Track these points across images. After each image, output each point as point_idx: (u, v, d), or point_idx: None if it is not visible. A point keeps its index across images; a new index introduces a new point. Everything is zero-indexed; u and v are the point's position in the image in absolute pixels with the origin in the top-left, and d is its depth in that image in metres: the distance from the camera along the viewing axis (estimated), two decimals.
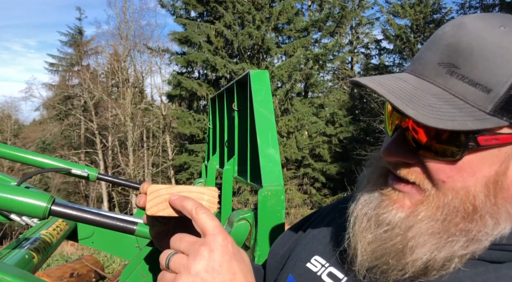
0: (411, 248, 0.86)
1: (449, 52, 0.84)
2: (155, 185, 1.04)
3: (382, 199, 0.93)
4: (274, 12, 26.61)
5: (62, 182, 36.16)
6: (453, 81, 0.82)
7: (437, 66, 0.84)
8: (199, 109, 29.77)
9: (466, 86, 0.81)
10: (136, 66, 38.24)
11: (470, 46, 0.82)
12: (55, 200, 1.57)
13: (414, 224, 0.87)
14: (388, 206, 0.91)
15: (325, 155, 28.63)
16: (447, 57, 0.84)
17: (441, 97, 0.82)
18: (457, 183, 0.85)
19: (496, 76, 0.80)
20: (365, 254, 0.93)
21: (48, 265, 11.15)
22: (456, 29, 0.85)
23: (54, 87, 41.31)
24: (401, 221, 0.88)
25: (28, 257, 2.05)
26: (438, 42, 0.87)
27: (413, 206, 0.89)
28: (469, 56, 0.81)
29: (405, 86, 0.83)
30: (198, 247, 0.88)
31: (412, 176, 0.89)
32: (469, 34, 0.83)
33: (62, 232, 2.65)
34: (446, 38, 0.86)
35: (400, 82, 0.85)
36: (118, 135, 36.20)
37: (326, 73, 33.49)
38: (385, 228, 0.90)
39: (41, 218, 1.55)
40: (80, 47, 40.74)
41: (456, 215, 0.84)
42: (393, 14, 29.23)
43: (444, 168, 0.85)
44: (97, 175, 3.58)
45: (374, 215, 0.93)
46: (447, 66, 0.83)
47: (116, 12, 37.01)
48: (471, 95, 0.81)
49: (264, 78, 3.12)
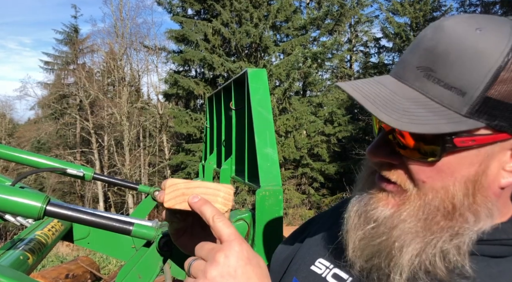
0: (398, 248, 0.89)
1: (426, 56, 0.86)
2: (174, 179, 1.09)
3: (371, 197, 0.97)
4: (272, 10, 26.62)
5: (58, 181, 36.13)
6: (430, 84, 0.85)
7: (416, 69, 0.87)
8: (196, 108, 29.76)
9: (442, 89, 0.84)
10: (132, 65, 38.28)
11: (446, 50, 0.84)
12: (50, 200, 1.57)
13: (398, 223, 0.90)
14: (375, 203, 0.96)
15: (324, 154, 28.63)
16: (424, 61, 0.86)
17: (417, 101, 0.85)
18: (437, 182, 0.88)
19: (470, 79, 0.82)
20: (356, 250, 0.97)
21: (43, 266, 11.15)
22: (434, 32, 0.88)
23: (49, 86, 41.27)
24: (386, 218, 0.93)
25: (23, 258, 2.04)
26: (418, 45, 0.89)
27: (396, 205, 0.93)
28: (445, 60, 0.84)
29: (382, 91, 0.87)
30: (214, 253, 0.92)
31: (394, 176, 0.93)
32: (446, 37, 0.85)
33: (58, 232, 2.65)
34: (425, 41, 0.88)
35: (379, 86, 0.88)
36: (114, 135, 36.18)
37: (325, 72, 33.50)
38: (372, 224, 0.95)
39: (36, 218, 1.54)
40: (75, 45, 40.70)
41: (437, 214, 0.88)
42: (392, 12, 29.24)
43: (424, 168, 0.89)
44: (93, 175, 3.58)
45: (364, 211, 0.97)
46: (425, 70, 0.86)
47: (112, 10, 37.02)
48: (446, 98, 0.84)
49: (262, 77, 3.12)
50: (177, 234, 1.27)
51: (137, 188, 4.10)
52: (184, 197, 1.06)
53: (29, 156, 3.51)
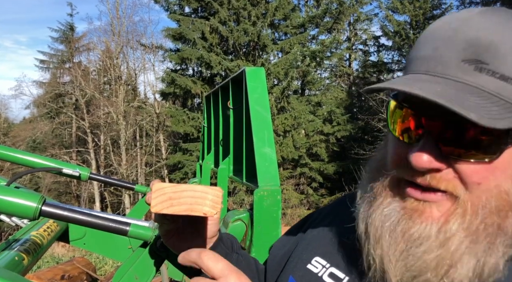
0: (456, 262, 0.83)
1: (471, 48, 0.81)
2: (160, 183, 1.07)
3: (405, 212, 0.88)
4: (270, 8, 26.62)
5: (53, 181, 36.09)
6: (484, 78, 0.80)
7: (462, 63, 0.82)
8: (194, 107, 29.75)
9: (498, 82, 0.80)
10: (129, 63, 38.20)
11: (492, 40, 0.80)
12: (46, 200, 1.57)
13: (450, 236, 0.83)
14: (415, 220, 0.87)
15: (323, 154, 28.64)
16: (471, 54, 0.81)
17: (482, 96, 0.79)
18: (491, 182, 0.83)
19: None
20: (398, 272, 0.88)
21: (38, 267, 11.14)
22: (468, 24, 0.83)
23: (44, 84, 41.22)
24: (434, 234, 0.85)
25: (18, 259, 2.04)
26: (453, 39, 0.83)
27: (444, 216, 0.85)
28: (495, 51, 0.80)
29: (445, 89, 0.79)
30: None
31: (443, 183, 0.84)
32: (486, 28, 0.82)
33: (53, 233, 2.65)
34: (462, 33, 0.83)
35: (435, 84, 0.81)
36: (110, 134, 36.14)
37: (324, 71, 33.49)
38: (417, 242, 0.86)
39: (32, 218, 1.54)
40: (71, 43, 40.64)
41: (493, 215, 0.83)
42: (392, 10, 29.26)
43: (479, 169, 0.82)
44: (89, 175, 3.58)
45: (400, 231, 0.88)
46: (474, 62, 0.81)
47: (108, 8, 36.97)
48: (504, 91, 0.80)
49: (260, 76, 3.12)
50: (167, 235, 1.27)
51: (133, 188, 4.10)
52: (172, 201, 1.05)
53: (24, 156, 3.51)
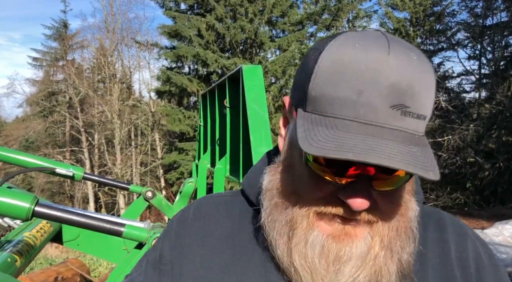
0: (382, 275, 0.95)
1: (396, 93, 0.85)
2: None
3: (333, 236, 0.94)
4: (267, 5, 26.59)
5: (46, 181, 36.06)
6: (408, 120, 0.87)
7: (390, 109, 0.86)
8: (190, 106, 29.73)
9: (416, 121, 0.88)
10: (123, 61, 38.19)
11: (409, 83, 0.86)
12: (39, 200, 1.57)
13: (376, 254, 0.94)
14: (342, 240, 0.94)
15: None
16: (396, 99, 0.85)
17: (415, 143, 0.87)
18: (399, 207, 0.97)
19: (429, 103, 0.90)
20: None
21: (31, 268, 11.12)
22: (386, 67, 0.86)
23: (37, 83, 41.18)
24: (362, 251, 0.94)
25: (10, 260, 2.04)
26: (377, 83, 0.85)
27: (368, 236, 0.95)
28: (413, 93, 0.86)
29: (395, 147, 0.84)
30: None
31: (370, 215, 0.93)
32: (400, 71, 0.86)
33: (46, 234, 2.65)
34: (384, 77, 0.85)
35: (381, 141, 0.85)
36: (104, 133, 36.13)
37: None
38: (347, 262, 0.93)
39: (24, 219, 1.54)
40: (65, 41, 40.57)
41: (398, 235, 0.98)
42: (391, 6, 29.24)
43: (395, 196, 0.96)
44: (83, 175, 3.58)
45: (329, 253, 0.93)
46: (399, 107, 0.86)
47: (103, 4, 36.97)
48: (419, 127, 0.89)
49: (257, 74, 3.13)
50: None
51: (128, 188, 4.10)
52: None
53: (17, 155, 3.51)
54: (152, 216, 24.72)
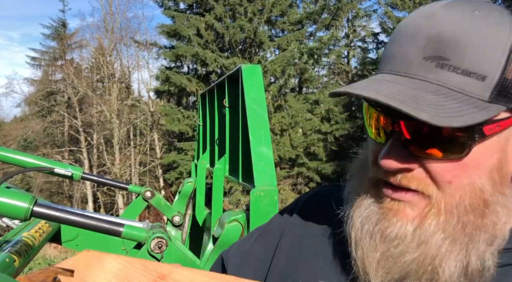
0: (440, 264, 0.83)
1: (433, 45, 0.82)
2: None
3: (382, 212, 0.89)
4: (267, 4, 26.58)
5: (45, 181, 36.03)
6: (446, 74, 0.81)
7: (424, 61, 0.82)
8: (189, 105, 29.73)
9: (461, 77, 0.80)
10: (122, 61, 38.11)
11: (453, 35, 0.81)
12: (38, 200, 1.57)
13: (428, 237, 0.84)
14: (391, 219, 0.87)
15: (320, 153, 28.64)
16: (432, 50, 0.82)
17: (440, 94, 0.80)
18: (463, 180, 0.83)
19: (488, 62, 0.80)
20: (379, 276, 0.89)
21: (30, 268, 11.12)
22: (431, 20, 0.84)
23: (36, 82, 41.14)
24: (410, 234, 0.85)
25: (9, 261, 2.03)
26: (416, 36, 0.84)
27: (419, 216, 0.86)
28: (456, 46, 0.80)
29: (403, 89, 0.80)
30: None
31: (413, 183, 0.85)
32: (448, 23, 0.82)
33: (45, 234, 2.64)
34: (425, 30, 0.83)
35: (393, 85, 0.82)
36: (103, 133, 36.10)
37: (321, 68, 33.50)
38: (394, 243, 0.86)
39: (23, 219, 1.54)
40: (63, 40, 40.53)
41: (469, 214, 0.83)
42: (391, 6, 29.25)
43: (449, 167, 0.83)
44: (82, 174, 3.58)
45: (378, 231, 0.88)
46: (435, 59, 0.82)
47: (101, 4, 36.88)
48: (467, 86, 0.80)
49: (257, 73, 3.12)
50: None
51: (127, 188, 4.10)
52: None
53: (15, 155, 3.50)
54: (151, 216, 24.74)
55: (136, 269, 0.81)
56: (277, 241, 1.20)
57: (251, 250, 1.27)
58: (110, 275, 0.80)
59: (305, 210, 1.22)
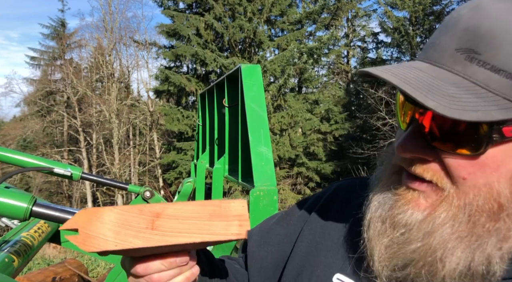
0: (440, 256, 0.82)
1: (467, 37, 0.80)
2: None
3: (396, 198, 0.89)
4: (266, 4, 26.59)
5: (44, 181, 36.04)
6: (473, 68, 0.79)
7: (455, 52, 0.81)
8: (188, 105, 29.73)
9: (488, 73, 0.78)
10: (121, 60, 38.13)
11: (491, 30, 0.78)
12: (37, 200, 1.57)
13: (435, 229, 0.83)
14: (403, 206, 0.87)
15: (320, 153, 28.65)
16: (465, 42, 0.80)
17: (461, 86, 0.78)
18: (479, 179, 0.81)
19: None
20: (383, 260, 0.89)
21: (29, 268, 11.11)
22: (474, 11, 0.82)
23: (35, 82, 41.10)
24: (418, 222, 0.85)
25: (8, 261, 2.04)
26: (455, 26, 0.83)
27: (430, 207, 0.85)
28: (491, 41, 0.78)
29: (422, 76, 0.79)
30: None
31: (428, 173, 0.85)
32: (489, 17, 0.79)
33: (44, 234, 2.65)
34: (464, 21, 0.82)
35: (415, 71, 0.81)
36: (103, 133, 36.11)
37: (321, 68, 33.50)
38: (402, 230, 0.87)
39: (22, 219, 1.54)
40: (62, 40, 40.51)
41: (481, 215, 0.81)
42: (391, 5, 29.26)
43: (465, 163, 0.81)
44: (81, 174, 3.58)
45: (389, 216, 0.89)
46: (466, 51, 0.80)
47: (101, 3, 36.87)
48: (494, 82, 0.77)
49: (256, 73, 3.13)
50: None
51: (126, 187, 4.10)
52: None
53: (14, 155, 3.50)
54: None
55: (132, 214, 0.86)
56: (300, 228, 1.22)
57: (272, 229, 1.30)
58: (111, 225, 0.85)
59: (329, 201, 1.24)
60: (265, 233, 1.31)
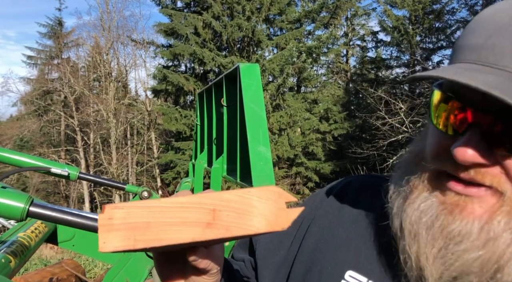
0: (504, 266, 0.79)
1: None
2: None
3: (444, 207, 0.85)
4: (265, 2, 26.60)
5: (41, 181, 36.02)
6: None
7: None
8: (186, 105, 29.74)
9: None
10: (119, 60, 38.14)
11: None
12: (34, 200, 1.57)
13: (496, 236, 0.79)
14: (455, 214, 0.83)
15: (319, 153, 28.66)
16: None
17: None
18: None
19: None
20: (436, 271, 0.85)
21: (26, 269, 11.10)
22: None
23: (32, 81, 41.11)
24: (476, 232, 0.81)
25: (4, 261, 2.03)
26: (509, 27, 0.79)
27: (487, 214, 0.81)
28: None
29: (500, 80, 0.75)
30: None
31: (487, 178, 0.81)
32: None
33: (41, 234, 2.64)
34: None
35: (488, 75, 0.77)
36: (100, 132, 36.10)
37: (320, 67, 33.49)
38: (457, 239, 0.82)
39: (19, 219, 1.54)
40: (60, 39, 40.52)
41: None
42: (390, 4, 29.27)
43: None
44: (78, 174, 3.58)
45: (439, 225, 0.84)
46: None
47: (98, 2, 36.99)
48: None
49: (255, 72, 3.12)
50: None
51: (124, 187, 4.10)
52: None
53: (11, 155, 3.50)
54: None
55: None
56: (307, 225, 1.20)
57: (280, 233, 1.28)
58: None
59: (339, 197, 1.21)
60: (274, 235, 1.25)
